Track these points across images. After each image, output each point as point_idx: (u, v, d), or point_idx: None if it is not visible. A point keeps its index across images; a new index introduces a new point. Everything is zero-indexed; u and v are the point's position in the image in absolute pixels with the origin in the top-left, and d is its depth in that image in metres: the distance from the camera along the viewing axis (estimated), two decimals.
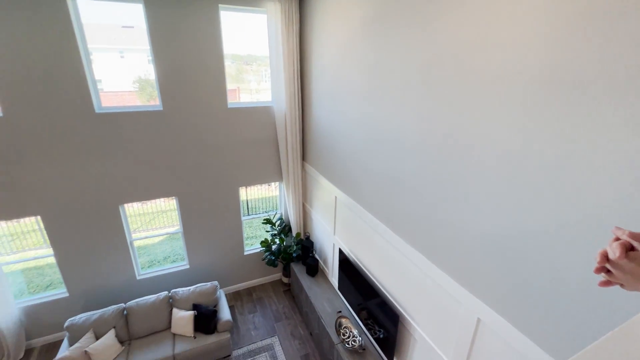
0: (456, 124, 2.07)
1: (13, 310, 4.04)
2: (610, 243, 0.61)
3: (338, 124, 3.72)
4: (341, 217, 4.04)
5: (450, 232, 2.25)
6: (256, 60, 6.27)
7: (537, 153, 1.61)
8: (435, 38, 2.14)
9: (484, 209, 1.96)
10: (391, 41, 2.58)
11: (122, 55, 12.45)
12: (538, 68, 1.54)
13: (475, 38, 1.85)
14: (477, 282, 2.10)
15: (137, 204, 8.46)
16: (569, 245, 1.53)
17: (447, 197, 2.24)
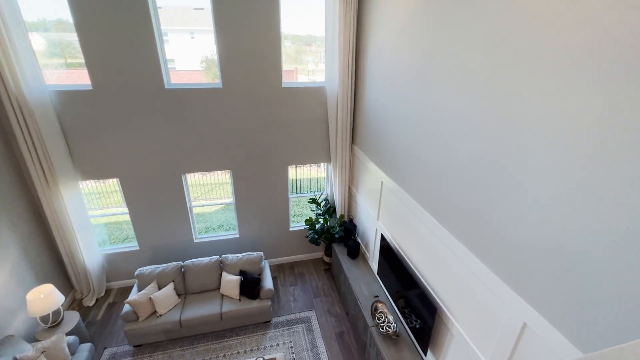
0: (521, 109, 1.86)
1: (98, 256, 4.79)
2: None
3: (390, 108, 3.59)
4: (386, 203, 3.97)
5: (504, 229, 2.09)
6: (315, 40, 6.24)
7: (621, 151, 1.39)
8: (504, 12, 1.91)
9: (547, 209, 1.77)
10: (453, 18, 2.37)
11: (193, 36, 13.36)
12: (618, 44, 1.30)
13: (551, 10, 1.62)
14: (527, 285, 1.93)
15: (197, 175, 9.25)
16: None
17: (504, 192, 2.06)
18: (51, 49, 4.57)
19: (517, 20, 1.84)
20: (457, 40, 2.37)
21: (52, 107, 3.84)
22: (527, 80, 1.81)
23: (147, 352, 4.06)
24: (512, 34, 1.88)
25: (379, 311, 3.71)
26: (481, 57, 2.14)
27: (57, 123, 3.94)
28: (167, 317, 4.06)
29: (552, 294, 1.77)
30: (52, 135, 3.89)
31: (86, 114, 4.02)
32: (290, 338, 4.29)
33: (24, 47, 3.53)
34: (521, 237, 1.94)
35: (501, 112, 2.01)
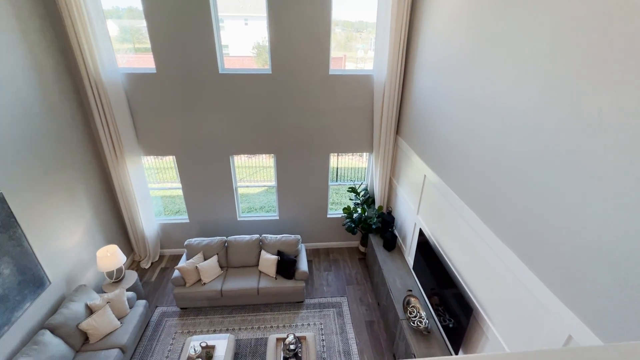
0: (590, 105, 1.69)
1: (154, 225, 5.31)
2: None
3: (439, 100, 3.43)
4: (427, 198, 3.86)
5: (557, 234, 1.94)
6: (367, 27, 6.10)
7: None
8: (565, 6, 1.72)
9: (612, 215, 1.61)
10: (516, 4, 2.18)
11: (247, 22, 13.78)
12: None
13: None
14: (577, 296, 1.80)
15: (243, 157, 9.70)
16: None
17: (563, 194, 1.91)
18: (122, 35, 5.01)
19: (591, 6, 1.64)
20: (518, 29, 2.18)
21: (122, 88, 4.27)
22: (597, 74, 1.63)
23: (192, 315, 4.47)
24: (583, 21, 1.69)
25: (411, 305, 3.68)
26: (545, 46, 1.96)
27: (126, 102, 4.37)
28: (210, 285, 4.42)
29: (606, 308, 1.62)
30: (121, 113, 4.34)
31: (150, 94, 4.40)
32: (321, 320, 4.43)
33: (102, 33, 3.93)
34: (579, 244, 1.79)
35: (567, 107, 1.84)
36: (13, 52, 3.30)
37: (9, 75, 3.25)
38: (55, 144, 3.84)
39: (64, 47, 4.00)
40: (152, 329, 4.26)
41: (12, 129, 3.25)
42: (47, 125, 3.73)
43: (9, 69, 3.25)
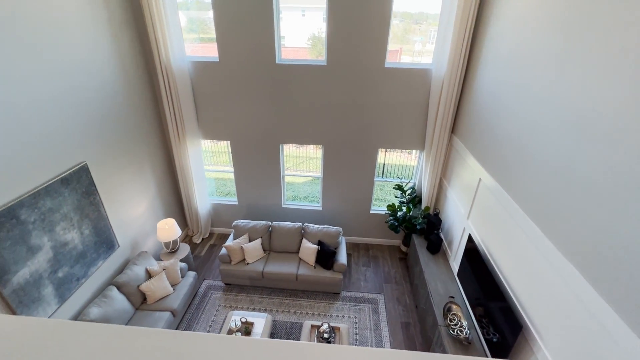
0: None
1: (207, 204, 5.71)
2: None
3: (505, 98, 3.16)
4: (481, 203, 3.62)
5: (636, 257, 1.71)
6: (427, 18, 5.80)
7: None
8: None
9: None
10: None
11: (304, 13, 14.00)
12: None
13: None
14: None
15: (292, 147, 9.93)
16: None
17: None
18: (189, 26, 5.37)
19: None
20: (612, 14, 1.91)
21: (188, 75, 4.59)
22: None
23: (234, 291, 4.77)
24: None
25: (452, 312, 3.51)
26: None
27: (191, 88, 4.70)
28: (253, 266, 4.66)
29: None
30: (186, 98, 4.69)
31: (211, 82, 4.68)
32: (356, 314, 4.44)
33: (175, 23, 4.25)
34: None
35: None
36: (103, 42, 3.73)
37: (100, 62, 3.68)
38: (130, 124, 4.28)
39: (141, 36, 4.41)
40: (199, 299, 4.63)
41: (98, 109, 3.69)
42: (125, 107, 4.17)
43: (100, 57, 3.68)
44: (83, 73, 3.47)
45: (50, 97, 3.09)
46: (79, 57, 3.41)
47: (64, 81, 3.23)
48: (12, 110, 2.74)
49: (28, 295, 2.90)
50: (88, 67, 3.53)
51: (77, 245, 3.44)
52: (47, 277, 3.09)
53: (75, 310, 3.46)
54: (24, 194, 2.85)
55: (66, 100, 3.27)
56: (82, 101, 3.47)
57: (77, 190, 3.40)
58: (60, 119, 3.20)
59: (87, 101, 3.54)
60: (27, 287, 2.89)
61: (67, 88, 3.28)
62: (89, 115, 3.57)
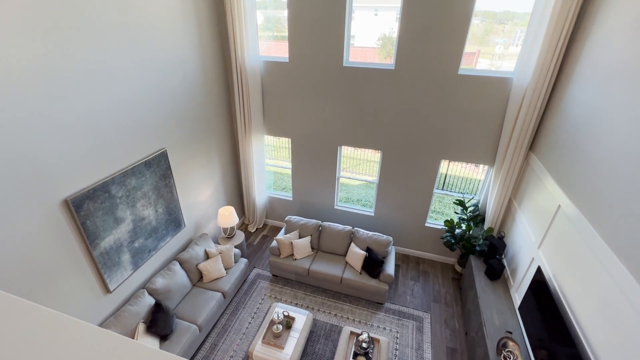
0: None
1: (264, 196, 6.01)
2: None
3: (603, 116, 2.72)
4: (557, 232, 3.18)
5: None
6: (513, 18, 5.29)
7: None
8: None
9: None
10: None
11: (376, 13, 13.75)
12: None
13: None
14: None
15: (349, 148, 9.90)
16: None
17: None
18: (264, 24, 5.65)
19: None
20: None
21: (259, 73, 4.86)
22: None
23: (280, 283, 4.94)
24: None
25: (507, 349, 3.17)
26: None
27: (260, 86, 4.96)
28: (300, 262, 4.77)
29: None
30: (255, 95, 4.96)
31: (280, 81, 4.88)
32: (398, 329, 4.27)
33: (252, 23, 4.51)
34: None
35: None
36: (188, 40, 4.13)
37: (183, 59, 4.09)
38: (204, 117, 4.69)
39: (222, 35, 4.78)
40: (248, 286, 4.90)
41: (179, 101, 4.12)
42: (201, 100, 4.57)
43: (186, 53, 4.09)
44: (168, 68, 3.88)
45: (142, 91, 3.53)
46: (166, 54, 3.82)
47: (153, 76, 3.65)
48: (115, 102, 3.19)
49: (111, 259, 3.38)
50: (173, 63, 3.94)
51: (151, 221, 3.89)
52: (126, 245, 3.55)
53: (144, 278, 3.93)
54: (116, 172, 3.32)
55: (154, 93, 3.70)
56: (166, 94, 3.89)
57: (156, 173, 3.84)
58: (148, 109, 3.64)
59: (170, 94, 3.96)
60: (111, 252, 3.36)
61: (155, 82, 3.70)
62: (171, 107, 3.99)
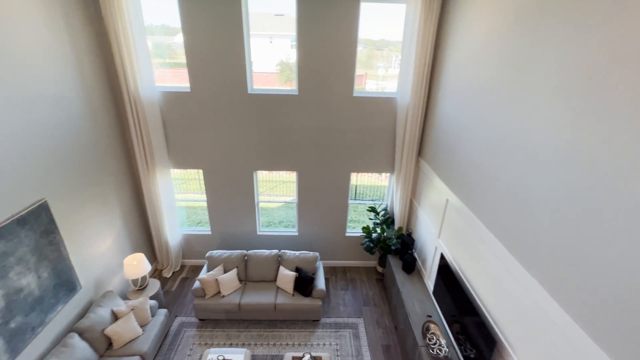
0: (619, 140, 1.68)
1: (178, 234, 5.49)
2: None
3: (464, 124, 3.45)
4: (449, 222, 3.82)
5: (591, 272, 1.90)
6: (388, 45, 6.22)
7: None
8: (611, 39, 1.74)
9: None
10: (548, 40, 2.21)
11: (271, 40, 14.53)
12: None
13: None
14: (618, 343, 1.73)
15: (265, 172, 9.90)
16: None
17: (596, 230, 1.88)
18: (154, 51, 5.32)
19: (621, 49, 1.66)
20: (551, 57, 2.21)
21: (157, 104, 4.54)
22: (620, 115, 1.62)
23: (210, 327, 4.54)
24: (617, 62, 1.70)
25: (430, 332, 3.59)
26: (580, 76, 1.97)
27: (160, 118, 4.63)
28: (229, 298, 4.49)
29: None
30: (155, 128, 4.59)
31: (183, 111, 4.65)
32: (337, 341, 4.38)
33: (143, 50, 4.21)
34: (612, 283, 1.74)
35: (599, 141, 1.83)
36: (70, 72, 3.61)
37: (62, 94, 3.54)
38: (95, 156, 4.10)
39: (108, 64, 4.32)
40: (171, 339, 4.34)
41: (61, 142, 3.52)
42: (90, 138, 4.00)
43: (65, 88, 3.54)
44: (46, 106, 3.32)
45: (8, 134, 2.91)
46: (41, 89, 3.27)
47: (23, 114, 3.07)
48: None
49: None
50: (51, 99, 3.39)
51: (33, 291, 3.15)
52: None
53: None
54: None
55: (26, 135, 3.09)
56: (43, 135, 3.29)
57: (35, 231, 3.16)
58: (17, 155, 3.01)
59: (49, 135, 3.37)
60: None
61: (28, 122, 3.11)
62: (50, 150, 3.39)
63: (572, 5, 2.03)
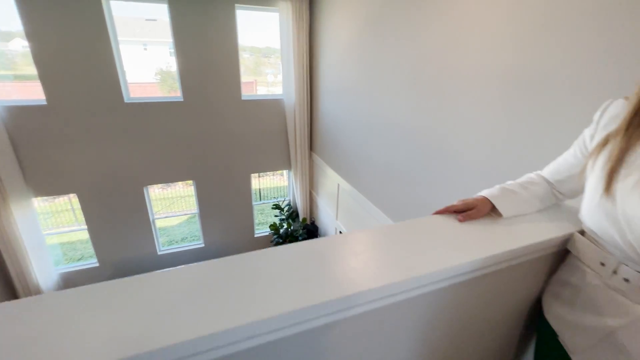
0: (439, 116, 2.34)
1: (53, 275, 4.61)
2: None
3: (342, 117, 4.02)
4: (343, 204, 4.36)
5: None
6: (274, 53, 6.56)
7: (511, 147, 1.87)
8: (423, 40, 2.40)
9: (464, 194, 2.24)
10: (386, 42, 2.85)
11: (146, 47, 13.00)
12: (508, 68, 1.80)
13: (455, 42, 2.11)
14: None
15: (159, 189, 9.06)
16: None
17: (434, 182, 2.52)
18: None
19: (431, 47, 2.33)
20: (390, 61, 2.84)
21: (2, 123, 3.75)
22: (442, 93, 2.29)
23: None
24: (429, 57, 2.36)
25: None
26: (410, 75, 2.62)
27: (7, 138, 3.83)
28: None
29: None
30: (2, 152, 3.78)
31: (40, 128, 3.96)
32: None
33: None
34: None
35: (427, 118, 2.48)
36: None
37: None
38: None
39: None
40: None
41: None
42: None
43: None
44: None
45: None
46: None
47: None
48: None
49: None
50: None
51: None
52: None
53: None
54: None
55: None
56: None
57: None
58: None
59: None
60: None
61: None
62: None
63: (394, 20, 2.68)
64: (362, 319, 0.59)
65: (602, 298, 0.61)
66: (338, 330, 0.58)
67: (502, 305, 0.80)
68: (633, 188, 0.52)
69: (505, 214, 0.78)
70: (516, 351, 0.92)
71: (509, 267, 0.70)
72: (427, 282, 0.60)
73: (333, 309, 0.53)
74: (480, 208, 0.79)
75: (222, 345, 0.47)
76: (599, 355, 0.61)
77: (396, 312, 0.63)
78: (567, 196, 0.81)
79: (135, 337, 0.44)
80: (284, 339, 0.53)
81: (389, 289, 0.56)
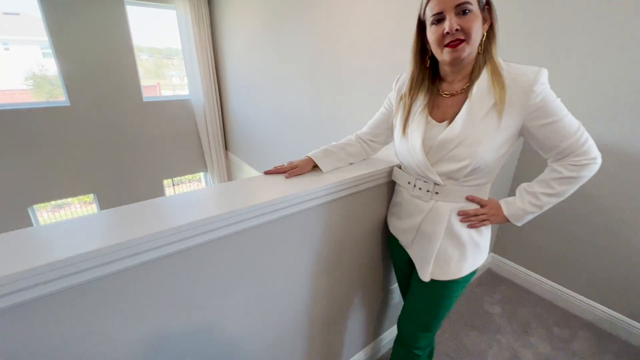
0: (336, 104, 2.69)
1: None
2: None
3: (253, 112, 4.14)
4: None
5: None
6: (177, 54, 6.23)
7: None
8: (317, 39, 2.72)
9: None
10: (285, 40, 3.10)
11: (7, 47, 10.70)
12: (387, 63, 2.21)
13: (344, 40, 2.47)
14: None
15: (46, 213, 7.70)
16: None
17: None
18: None
19: (324, 45, 2.65)
20: (290, 58, 3.10)
21: None
22: (337, 84, 2.64)
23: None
24: (323, 54, 2.69)
25: None
26: (308, 69, 2.91)
27: None
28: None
29: None
30: None
31: None
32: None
33: None
34: None
35: (326, 106, 2.81)
36: None
37: None
38: None
39: None
40: None
41: None
42: None
43: None
44: None
45: None
46: None
47: None
48: None
49: None
50: None
51: None
52: None
53: None
54: None
55: None
56: None
57: None
58: None
59: None
60: None
61: None
62: None
63: (290, 20, 2.94)
64: (264, 228, 0.79)
65: (411, 206, 0.93)
66: (247, 237, 0.77)
67: (363, 223, 1.09)
68: (414, 129, 0.83)
69: (325, 169, 0.97)
70: (382, 256, 1.24)
71: (357, 192, 0.98)
72: (297, 201, 0.82)
73: (237, 220, 0.71)
74: (302, 166, 0.96)
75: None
76: (419, 244, 0.92)
77: (288, 224, 0.84)
78: (384, 144, 1.11)
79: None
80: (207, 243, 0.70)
81: (272, 205, 0.76)
